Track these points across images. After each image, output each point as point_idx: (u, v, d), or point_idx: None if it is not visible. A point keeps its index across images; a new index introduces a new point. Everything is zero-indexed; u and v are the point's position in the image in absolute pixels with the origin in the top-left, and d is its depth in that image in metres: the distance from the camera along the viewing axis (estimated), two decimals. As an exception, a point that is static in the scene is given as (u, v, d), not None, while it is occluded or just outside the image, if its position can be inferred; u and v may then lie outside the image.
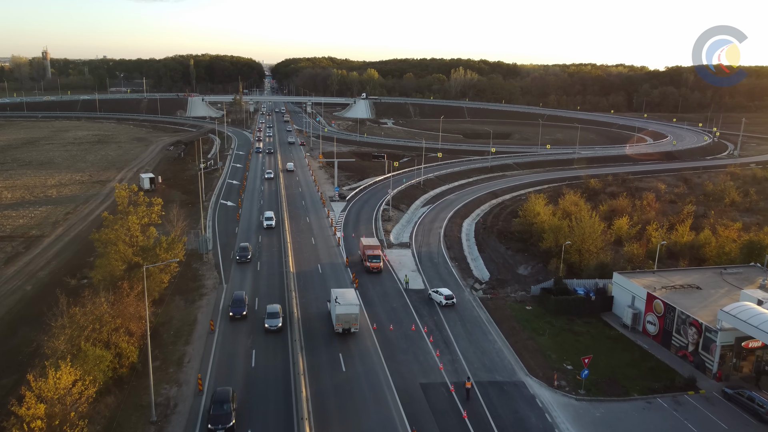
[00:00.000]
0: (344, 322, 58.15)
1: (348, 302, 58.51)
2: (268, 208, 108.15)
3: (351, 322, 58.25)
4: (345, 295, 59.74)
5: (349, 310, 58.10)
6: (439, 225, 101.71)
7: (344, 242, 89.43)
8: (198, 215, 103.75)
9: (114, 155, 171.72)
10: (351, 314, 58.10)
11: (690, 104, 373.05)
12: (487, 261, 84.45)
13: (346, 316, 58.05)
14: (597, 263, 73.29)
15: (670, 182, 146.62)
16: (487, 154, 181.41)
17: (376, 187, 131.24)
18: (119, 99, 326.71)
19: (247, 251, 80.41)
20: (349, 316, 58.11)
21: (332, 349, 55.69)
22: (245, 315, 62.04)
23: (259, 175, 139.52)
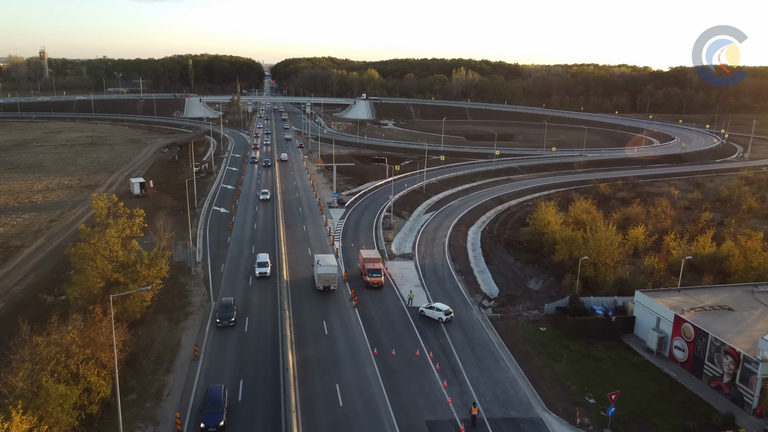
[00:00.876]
0: (324, 280, 69.27)
1: (328, 264, 70.17)
2: (262, 216, 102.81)
3: (330, 281, 69.34)
4: (326, 259, 71.88)
5: (329, 271, 69.51)
6: (443, 233, 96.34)
7: (343, 253, 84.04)
8: (190, 223, 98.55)
9: (106, 158, 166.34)
10: (330, 274, 69.40)
11: (695, 105, 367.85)
12: (495, 274, 79.09)
13: (326, 275, 69.28)
14: (615, 279, 67.85)
15: (681, 187, 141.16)
16: (491, 156, 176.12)
17: (377, 192, 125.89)
18: (115, 99, 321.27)
19: (231, 311, 60.15)
20: (328, 276, 69.35)
21: (327, 379, 50.31)
22: (233, 323, 57.46)
23: (254, 185, 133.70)
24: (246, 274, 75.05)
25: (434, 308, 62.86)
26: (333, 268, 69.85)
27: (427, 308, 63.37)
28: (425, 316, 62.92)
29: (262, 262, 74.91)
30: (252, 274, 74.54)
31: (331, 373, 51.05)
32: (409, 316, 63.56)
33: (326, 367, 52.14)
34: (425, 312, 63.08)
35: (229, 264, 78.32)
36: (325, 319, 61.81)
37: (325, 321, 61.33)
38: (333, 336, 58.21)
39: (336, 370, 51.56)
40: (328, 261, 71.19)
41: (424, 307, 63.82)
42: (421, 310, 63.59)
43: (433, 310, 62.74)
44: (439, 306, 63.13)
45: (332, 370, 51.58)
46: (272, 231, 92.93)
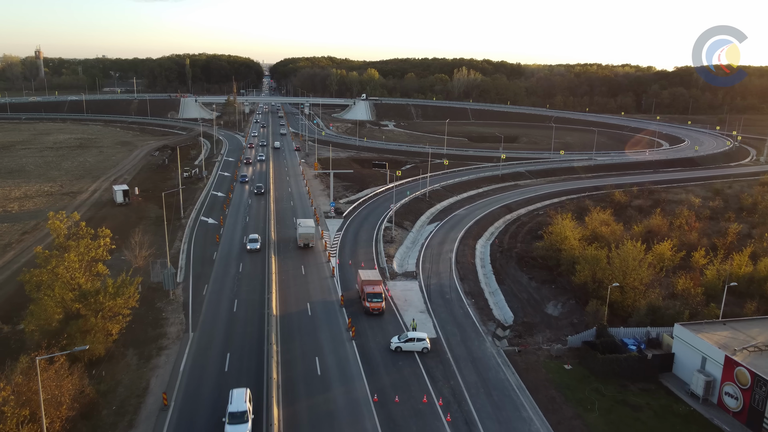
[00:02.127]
0: (305, 239, 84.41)
1: (307, 225, 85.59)
2: (254, 227, 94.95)
3: (309, 240, 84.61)
4: (305, 221, 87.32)
5: (308, 231, 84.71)
6: (449, 248, 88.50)
7: (339, 272, 76.18)
8: (173, 236, 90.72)
9: (92, 162, 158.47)
10: (309, 233, 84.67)
11: (701, 105, 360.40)
12: (508, 296, 71.22)
13: (306, 235, 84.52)
14: (647, 306, 59.96)
15: (699, 193, 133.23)
16: (496, 160, 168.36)
17: (377, 199, 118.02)
18: (109, 100, 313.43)
19: None
20: (308, 235, 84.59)
21: None
22: None
23: (245, 193, 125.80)
24: (231, 296, 67.15)
25: (413, 339, 54.88)
26: (311, 229, 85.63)
27: (404, 341, 54.91)
28: (404, 351, 54.66)
29: None
30: (237, 297, 66.70)
31: (324, 429, 43.18)
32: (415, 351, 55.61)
33: (318, 420, 44.26)
34: (403, 347, 54.69)
35: (213, 285, 70.40)
36: (318, 355, 53.99)
37: (317, 357, 53.51)
38: (326, 378, 50.34)
39: (329, 425, 43.67)
40: (307, 223, 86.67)
41: (399, 341, 55.10)
42: (397, 346, 54.78)
43: (413, 342, 54.78)
44: (418, 335, 55.29)
45: (325, 424, 43.71)
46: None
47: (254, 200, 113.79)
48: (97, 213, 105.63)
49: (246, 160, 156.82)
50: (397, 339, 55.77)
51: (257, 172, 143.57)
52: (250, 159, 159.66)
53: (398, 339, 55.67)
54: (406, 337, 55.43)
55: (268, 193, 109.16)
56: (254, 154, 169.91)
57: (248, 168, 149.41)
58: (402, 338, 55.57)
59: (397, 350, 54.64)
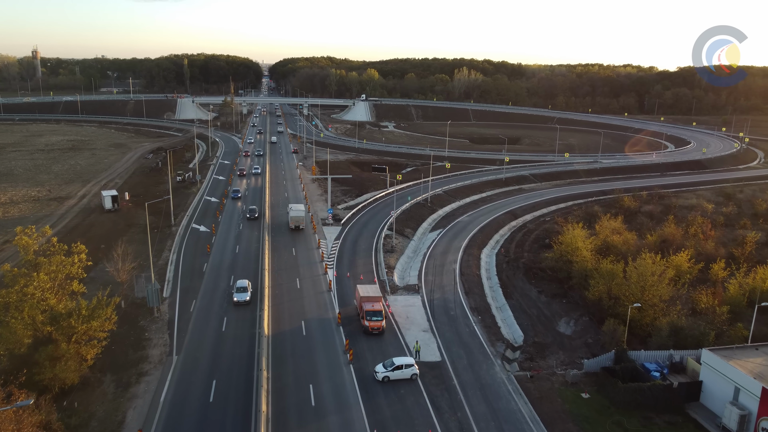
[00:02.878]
0: (296, 221, 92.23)
1: (298, 210, 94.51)
2: (247, 236, 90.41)
3: (299, 222, 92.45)
4: (296, 206, 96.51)
5: (298, 214, 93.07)
6: (453, 258, 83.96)
7: (337, 285, 71.64)
8: (162, 245, 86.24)
9: (84, 165, 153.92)
10: (299, 216, 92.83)
11: (704, 106, 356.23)
12: (517, 312, 66.73)
13: (296, 218, 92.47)
14: (669, 326, 55.41)
15: (709, 198, 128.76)
16: (499, 163, 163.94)
17: (377, 205, 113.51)
18: (104, 100, 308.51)
19: None
20: (298, 218, 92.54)
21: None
22: None
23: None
24: (220, 313, 62.61)
25: (402, 367, 49.89)
26: (301, 212, 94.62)
27: (392, 369, 49.70)
28: (393, 380, 49.59)
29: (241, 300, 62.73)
30: (227, 314, 62.20)
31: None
32: (418, 377, 51.08)
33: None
34: (391, 377, 49.52)
35: (201, 301, 65.86)
36: (313, 382, 49.50)
37: (312, 385, 49.01)
38: (321, 409, 45.85)
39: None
40: (298, 207, 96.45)
41: (387, 370, 49.77)
42: (385, 375, 49.45)
43: (401, 370, 49.81)
44: (405, 361, 50.49)
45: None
46: (256, 256, 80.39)
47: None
48: (84, 220, 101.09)
49: (240, 172, 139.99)
50: (383, 368, 50.37)
51: (251, 188, 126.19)
52: (244, 170, 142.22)
53: (385, 368, 50.31)
54: (392, 364, 50.24)
55: (263, 216, 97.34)
56: (249, 165, 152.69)
57: (242, 181, 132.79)
58: (389, 366, 50.28)
59: (384, 380, 49.51)
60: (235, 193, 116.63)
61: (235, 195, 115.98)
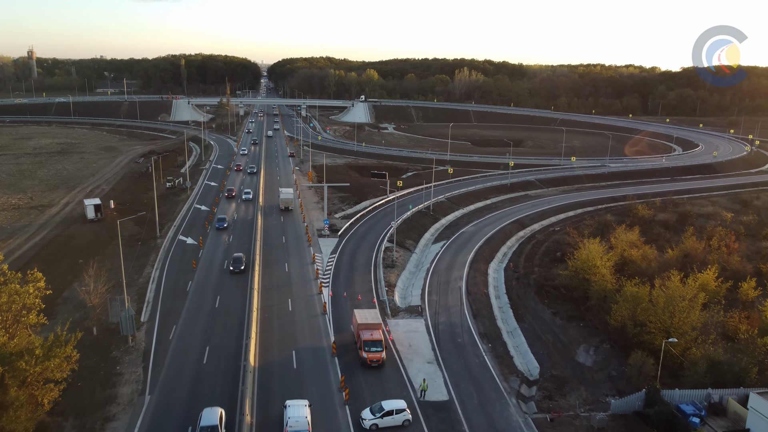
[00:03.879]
0: (285, 203, 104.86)
1: (287, 192, 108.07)
2: (237, 248, 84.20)
3: (289, 203, 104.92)
4: (286, 190, 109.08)
5: (288, 196, 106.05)
6: (458, 274, 77.83)
7: (332, 306, 65.51)
8: (145, 259, 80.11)
9: (71, 170, 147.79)
10: (289, 198, 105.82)
11: (709, 107, 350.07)
12: (530, 338, 60.58)
13: (286, 200, 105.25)
14: (705, 360, 49.24)
15: (725, 205, 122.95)
16: (503, 167, 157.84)
17: (377, 214, 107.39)
18: (98, 102, 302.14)
19: None
20: (288, 200, 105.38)
21: None
22: None
23: (232, 207, 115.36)
24: (202, 342, 56.38)
25: (392, 412, 43.49)
26: (290, 194, 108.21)
27: (381, 416, 43.33)
28: (382, 428, 43.32)
29: None
30: (209, 343, 56.02)
31: None
32: (423, 421, 44.98)
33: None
34: (380, 424, 43.17)
35: (182, 326, 59.68)
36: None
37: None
38: (312, 464, 39.71)
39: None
40: (287, 191, 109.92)
41: (375, 417, 43.38)
42: (373, 423, 43.10)
43: (392, 416, 43.43)
44: (397, 405, 44.15)
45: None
46: (246, 273, 74.15)
47: (240, 214, 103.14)
48: (65, 231, 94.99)
49: (228, 193, 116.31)
50: (370, 413, 43.88)
51: (241, 216, 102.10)
52: (233, 191, 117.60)
53: (372, 413, 43.83)
54: (381, 409, 43.79)
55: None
56: (239, 183, 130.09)
57: (230, 205, 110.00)
58: (377, 411, 43.80)
59: (372, 429, 43.13)
60: (220, 223, 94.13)
61: (221, 225, 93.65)
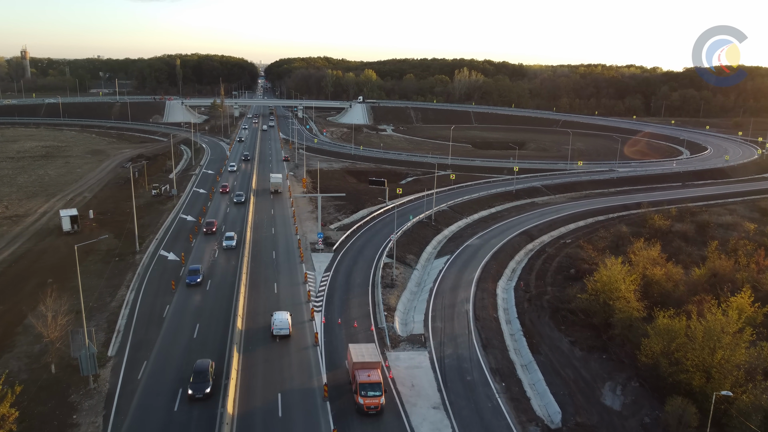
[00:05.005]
0: (275, 186, 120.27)
1: (277, 177, 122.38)
2: (223, 267, 77.12)
3: (278, 187, 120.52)
4: (275, 175, 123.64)
5: (277, 181, 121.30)
6: (464, 295, 70.85)
7: (325, 336, 58.49)
8: (120, 279, 73.02)
9: (53, 175, 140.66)
10: (278, 182, 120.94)
11: (712, 108, 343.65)
12: (548, 373, 53.59)
13: (275, 184, 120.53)
14: (760, 412, 42.29)
15: (744, 213, 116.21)
16: (507, 171, 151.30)
17: (375, 224, 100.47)
18: (89, 103, 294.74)
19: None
20: (277, 184, 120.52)
21: None
22: None
23: (220, 217, 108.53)
24: (176, 382, 49.21)
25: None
26: (279, 179, 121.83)
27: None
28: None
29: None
30: (183, 385, 48.92)
31: None
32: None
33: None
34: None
35: (154, 362, 52.56)
36: None
37: None
38: None
39: None
40: (277, 176, 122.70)
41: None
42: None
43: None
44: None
45: None
46: (230, 295, 67.08)
47: (228, 223, 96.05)
48: (37, 245, 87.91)
49: (207, 228, 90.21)
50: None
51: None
52: (213, 226, 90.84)
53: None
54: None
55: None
56: (223, 213, 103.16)
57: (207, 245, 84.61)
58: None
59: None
60: (192, 277, 69.81)
61: (192, 280, 69.50)
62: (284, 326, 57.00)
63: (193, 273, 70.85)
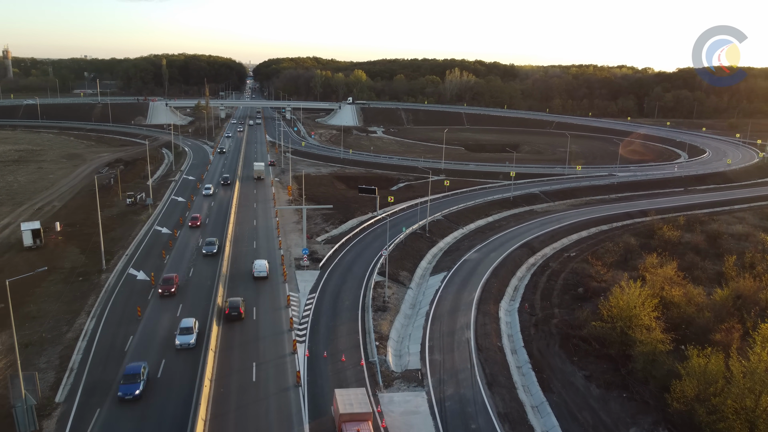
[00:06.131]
0: (257, 173, 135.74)
1: (259, 164, 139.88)
2: (197, 287, 69.87)
3: (260, 174, 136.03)
4: (258, 163, 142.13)
5: (260, 168, 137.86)
6: (464, 320, 64.07)
7: (309, 374, 51.39)
8: (81, 303, 65.59)
9: (23, 182, 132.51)
10: (260, 170, 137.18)
11: (706, 109, 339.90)
12: (563, 418, 46.85)
13: (258, 171, 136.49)
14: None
15: (754, 222, 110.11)
16: (502, 176, 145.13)
17: (365, 236, 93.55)
18: (69, 104, 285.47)
19: None
20: (260, 171, 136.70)
21: None
22: None
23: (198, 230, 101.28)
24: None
25: None
26: (261, 166, 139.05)
27: None
28: None
29: None
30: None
31: None
32: None
33: None
34: None
35: (107, 411, 45.10)
36: None
37: None
38: None
39: None
40: (259, 164, 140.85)
41: None
42: None
43: None
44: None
45: None
46: (204, 321, 59.79)
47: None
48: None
49: (163, 288, 66.80)
50: None
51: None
52: (172, 285, 67.18)
53: None
54: None
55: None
56: (187, 263, 77.80)
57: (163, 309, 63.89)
58: None
59: None
60: (127, 381, 47.56)
61: (128, 392, 46.60)
62: None
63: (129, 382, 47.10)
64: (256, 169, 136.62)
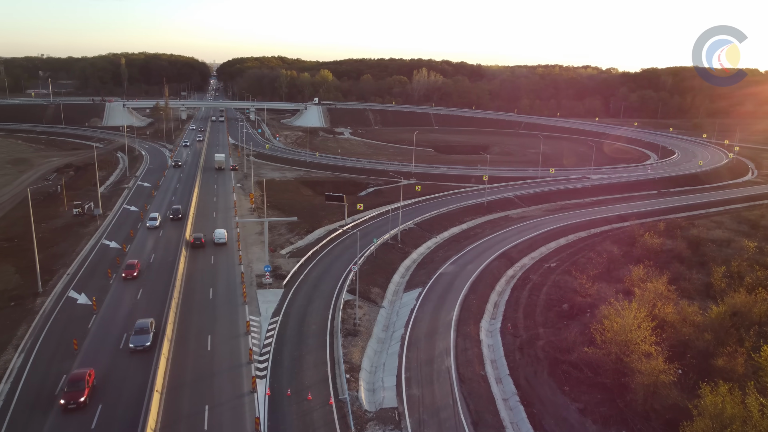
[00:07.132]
0: (218, 163, 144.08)
1: (220, 156, 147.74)
2: (145, 311, 62.51)
3: (221, 164, 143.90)
4: (219, 155, 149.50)
5: (221, 159, 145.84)
6: (443, 345, 58.36)
7: (269, 417, 44.84)
8: (10, 334, 57.64)
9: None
10: (221, 160, 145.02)
11: (670, 109, 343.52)
12: (559, 463, 41.48)
13: (219, 161, 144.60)
14: None
15: (732, 227, 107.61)
16: (474, 180, 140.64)
17: (333, 248, 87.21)
18: (19, 105, 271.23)
19: None
20: (221, 162, 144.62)
21: None
22: None
23: (150, 242, 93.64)
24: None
25: None
26: (223, 157, 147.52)
27: None
28: None
29: None
30: None
31: None
32: None
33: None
34: None
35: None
36: None
37: None
38: None
39: None
40: (220, 155, 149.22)
41: None
42: None
43: None
44: None
45: None
46: (150, 357, 52.70)
47: (159, 253, 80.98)
48: None
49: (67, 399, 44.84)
50: None
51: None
52: (80, 394, 44.78)
53: None
54: None
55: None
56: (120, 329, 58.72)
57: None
58: None
59: None
60: None
61: None
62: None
63: None
64: (217, 159, 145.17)
